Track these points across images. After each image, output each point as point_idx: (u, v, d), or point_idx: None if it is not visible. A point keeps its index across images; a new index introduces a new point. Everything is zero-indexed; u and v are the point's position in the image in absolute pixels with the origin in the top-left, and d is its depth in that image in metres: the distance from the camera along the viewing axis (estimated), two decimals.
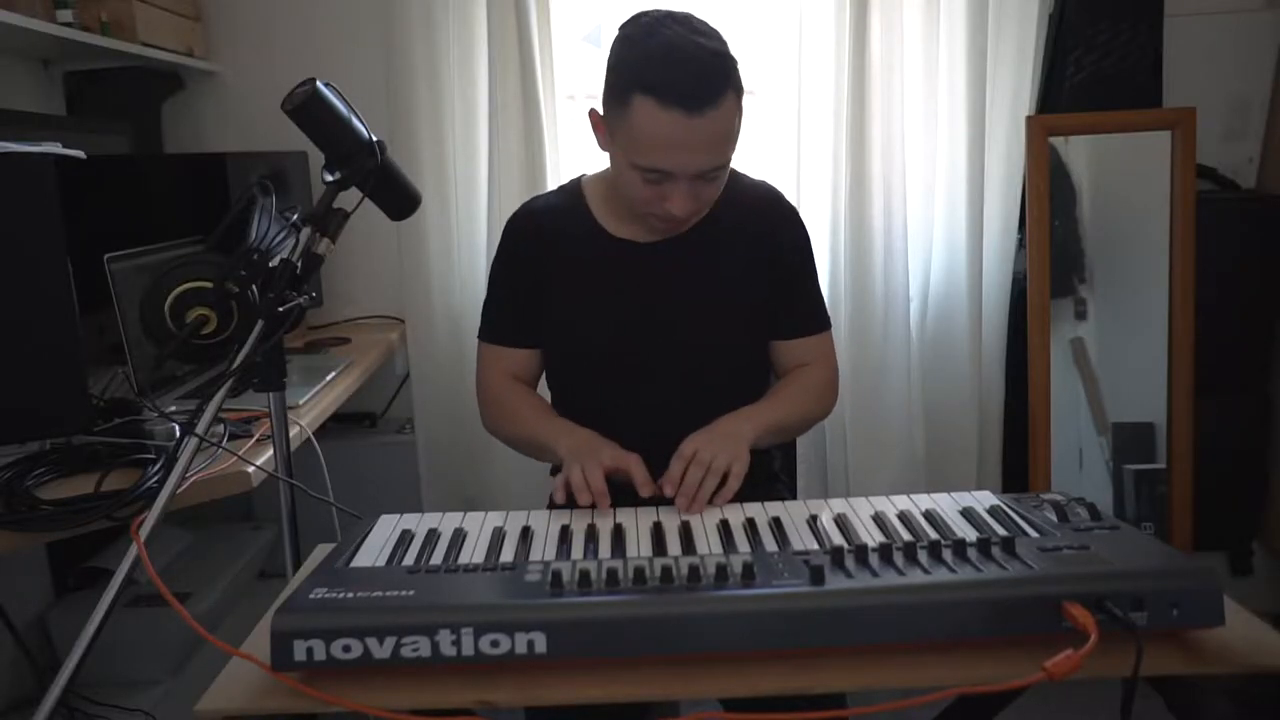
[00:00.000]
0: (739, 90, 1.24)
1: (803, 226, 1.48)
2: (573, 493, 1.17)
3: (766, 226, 1.43)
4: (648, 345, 1.40)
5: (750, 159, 2.31)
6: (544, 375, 1.53)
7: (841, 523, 1.05)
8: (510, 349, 1.48)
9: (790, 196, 1.51)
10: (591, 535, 1.06)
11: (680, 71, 1.19)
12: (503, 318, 1.49)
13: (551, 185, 2.31)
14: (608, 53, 1.29)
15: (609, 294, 1.42)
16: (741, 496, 1.17)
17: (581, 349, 1.44)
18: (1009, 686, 0.78)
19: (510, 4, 2.24)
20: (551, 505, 1.21)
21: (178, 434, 1.43)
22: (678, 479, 1.19)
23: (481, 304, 1.53)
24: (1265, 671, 0.84)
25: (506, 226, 1.49)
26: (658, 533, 1.05)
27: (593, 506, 1.15)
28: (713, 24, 1.26)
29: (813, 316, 1.48)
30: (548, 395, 1.54)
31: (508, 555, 0.99)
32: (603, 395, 1.43)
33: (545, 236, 1.44)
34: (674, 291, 1.40)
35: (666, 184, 1.25)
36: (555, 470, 1.37)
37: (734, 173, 1.46)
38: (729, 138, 1.25)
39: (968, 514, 1.05)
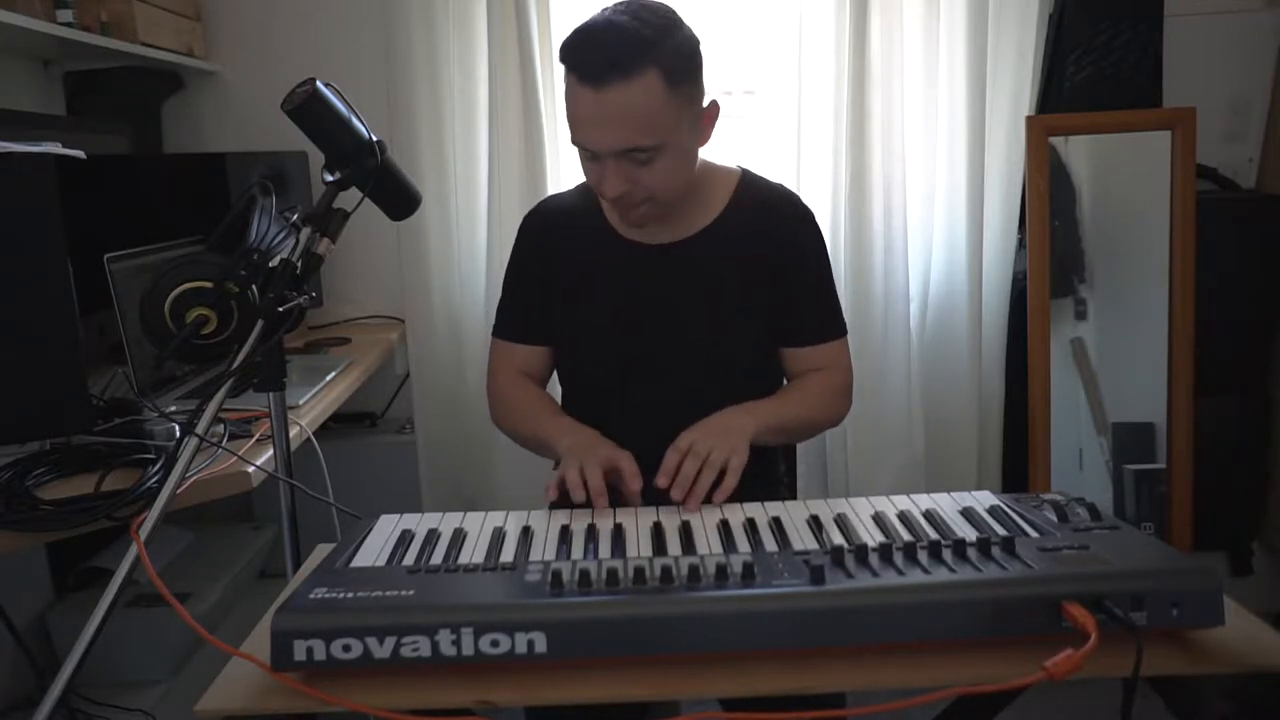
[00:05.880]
0: (671, 71, 1.22)
1: (818, 231, 1.47)
2: (567, 491, 1.17)
3: (780, 230, 1.42)
4: (656, 346, 1.40)
5: (750, 159, 2.31)
6: (557, 373, 1.53)
7: (841, 523, 1.05)
8: (521, 346, 1.49)
9: (801, 198, 1.49)
10: (591, 535, 1.05)
11: (588, 46, 1.22)
12: (514, 315, 1.50)
13: (551, 185, 2.32)
14: None
15: (617, 295, 1.42)
16: (745, 499, 1.16)
17: (590, 349, 1.44)
18: (1009, 686, 0.78)
19: (510, 4, 2.24)
20: (552, 505, 1.21)
21: (178, 434, 1.43)
22: (673, 470, 1.17)
23: (482, 304, 1.54)
24: (1265, 671, 0.84)
25: (521, 225, 1.50)
26: (658, 533, 1.05)
27: (588, 503, 1.15)
28: (673, 13, 1.27)
29: (827, 323, 1.47)
30: (559, 393, 1.54)
31: (508, 555, 0.99)
32: (611, 395, 1.43)
33: (557, 236, 1.45)
34: (682, 293, 1.40)
35: (600, 163, 1.27)
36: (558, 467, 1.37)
37: (750, 175, 1.46)
38: (647, 118, 1.22)
39: (968, 514, 1.05)
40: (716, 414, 1.29)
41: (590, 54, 1.21)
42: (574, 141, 1.28)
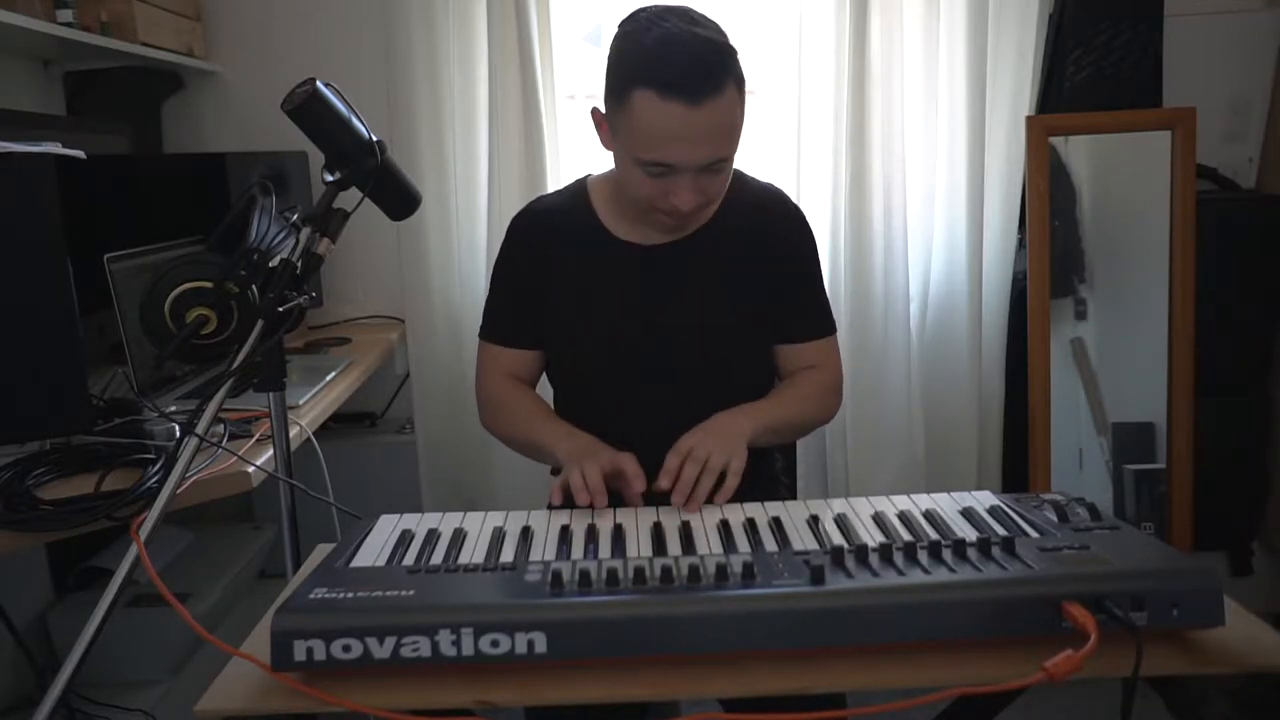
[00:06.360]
0: (740, 81, 1.24)
1: (808, 229, 1.48)
2: (571, 494, 1.17)
3: (771, 229, 1.42)
4: (649, 347, 1.40)
5: (750, 159, 2.31)
6: (546, 375, 1.53)
7: (841, 523, 1.05)
8: (510, 349, 1.48)
9: (790, 196, 1.50)
10: (591, 535, 1.06)
11: (679, 62, 1.19)
12: (503, 318, 1.49)
13: (551, 185, 2.31)
14: (608, 51, 1.29)
15: (611, 296, 1.41)
16: (743, 497, 1.16)
17: (582, 350, 1.43)
18: (1009, 686, 0.78)
19: (510, 4, 2.24)
20: (551, 506, 1.21)
21: (178, 434, 1.43)
22: (674, 471, 1.18)
23: (481, 304, 1.53)
24: (1265, 671, 0.84)
25: (509, 226, 1.49)
26: (658, 533, 1.05)
27: (591, 506, 1.15)
28: (712, 17, 1.26)
29: (818, 320, 1.48)
30: (550, 394, 1.54)
31: (508, 555, 0.99)
32: (604, 397, 1.43)
33: (547, 237, 1.44)
34: (676, 294, 1.40)
35: (671, 178, 1.25)
36: (555, 471, 1.37)
37: (740, 174, 1.46)
38: (732, 129, 1.24)
39: (968, 514, 1.05)
40: (714, 417, 1.29)
41: (686, 70, 1.18)
42: (648, 159, 1.23)
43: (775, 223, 1.44)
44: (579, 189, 1.47)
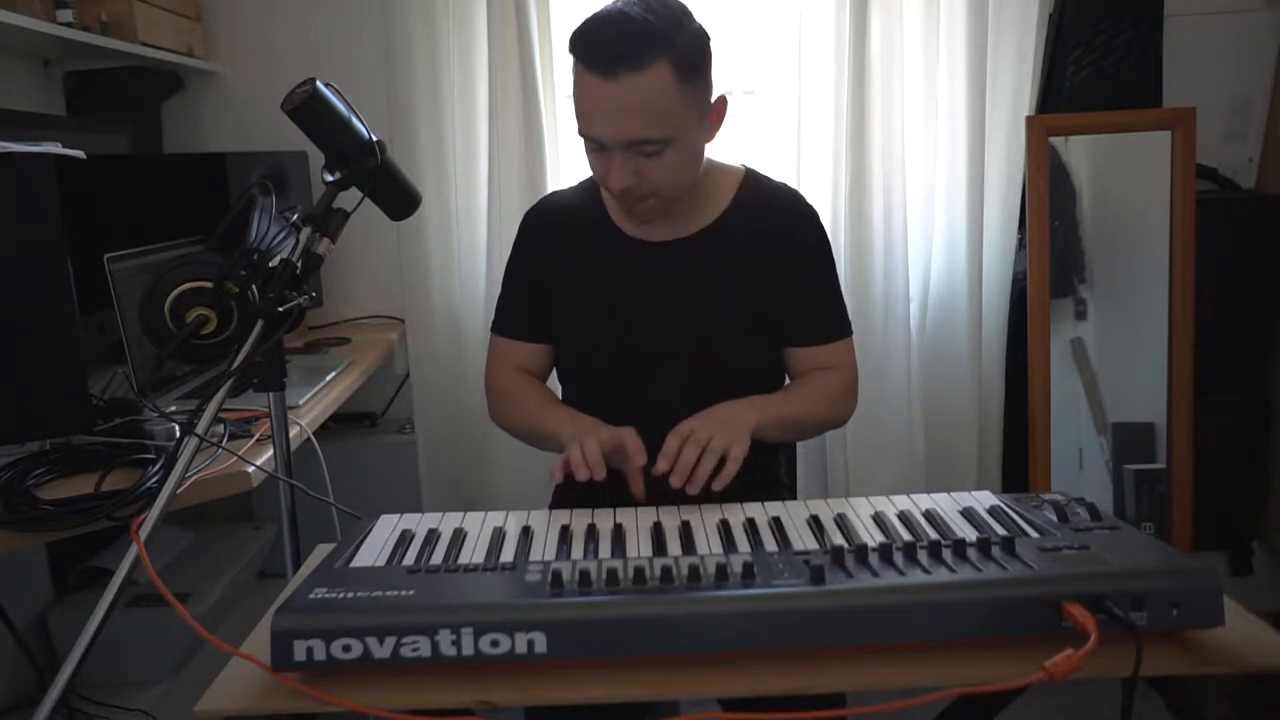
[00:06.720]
0: (683, 66, 1.22)
1: (821, 231, 1.46)
2: (571, 471, 1.17)
3: (782, 228, 1.41)
4: (657, 343, 1.40)
5: (750, 159, 2.31)
6: (556, 371, 1.53)
7: (841, 523, 1.05)
8: (520, 342, 1.49)
9: (805, 198, 1.48)
10: (591, 535, 1.05)
11: (599, 36, 1.21)
12: (514, 311, 1.49)
13: (551, 185, 2.32)
14: None
15: (619, 291, 1.41)
16: (745, 498, 1.16)
17: (590, 345, 1.43)
18: (1009, 686, 0.78)
19: (510, 4, 2.24)
20: (553, 505, 1.21)
21: (178, 434, 1.43)
22: (673, 454, 1.18)
23: (482, 303, 1.53)
24: (1265, 671, 0.84)
25: (523, 220, 1.50)
26: (658, 533, 1.05)
27: (591, 481, 1.15)
28: (684, 7, 1.26)
29: (831, 323, 1.46)
30: (559, 390, 1.54)
31: (508, 555, 0.99)
32: (611, 392, 1.43)
33: (559, 232, 1.45)
34: (684, 290, 1.40)
35: (604, 155, 1.26)
36: None
37: (755, 174, 1.46)
38: (657, 109, 1.22)
39: (968, 514, 1.05)
40: (719, 405, 1.29)
41: (602, 43, 1.21)
42: (581, 133, 1.27)
43: (786, 222, 1.43)
44: (592, 185, 1.47)
